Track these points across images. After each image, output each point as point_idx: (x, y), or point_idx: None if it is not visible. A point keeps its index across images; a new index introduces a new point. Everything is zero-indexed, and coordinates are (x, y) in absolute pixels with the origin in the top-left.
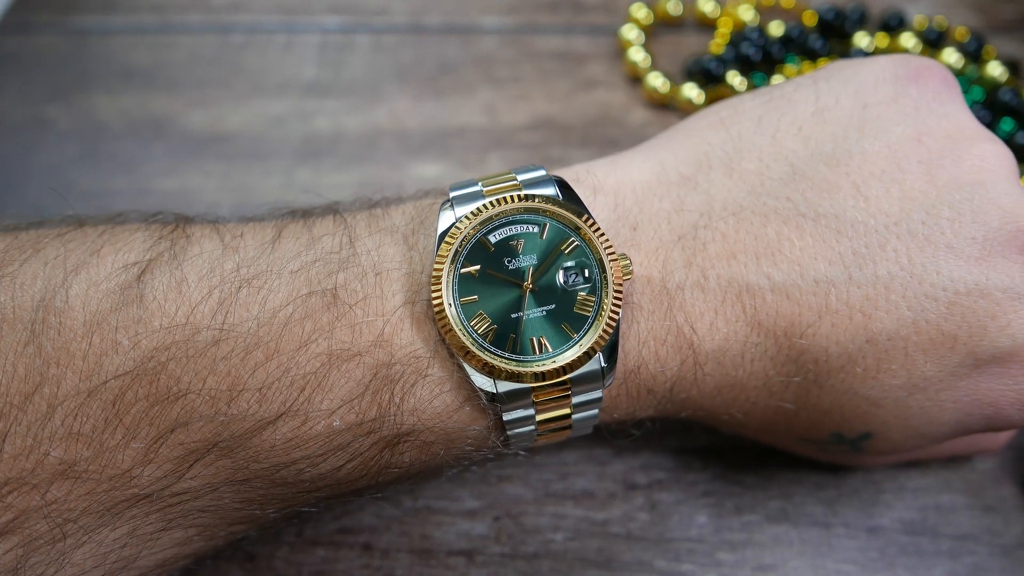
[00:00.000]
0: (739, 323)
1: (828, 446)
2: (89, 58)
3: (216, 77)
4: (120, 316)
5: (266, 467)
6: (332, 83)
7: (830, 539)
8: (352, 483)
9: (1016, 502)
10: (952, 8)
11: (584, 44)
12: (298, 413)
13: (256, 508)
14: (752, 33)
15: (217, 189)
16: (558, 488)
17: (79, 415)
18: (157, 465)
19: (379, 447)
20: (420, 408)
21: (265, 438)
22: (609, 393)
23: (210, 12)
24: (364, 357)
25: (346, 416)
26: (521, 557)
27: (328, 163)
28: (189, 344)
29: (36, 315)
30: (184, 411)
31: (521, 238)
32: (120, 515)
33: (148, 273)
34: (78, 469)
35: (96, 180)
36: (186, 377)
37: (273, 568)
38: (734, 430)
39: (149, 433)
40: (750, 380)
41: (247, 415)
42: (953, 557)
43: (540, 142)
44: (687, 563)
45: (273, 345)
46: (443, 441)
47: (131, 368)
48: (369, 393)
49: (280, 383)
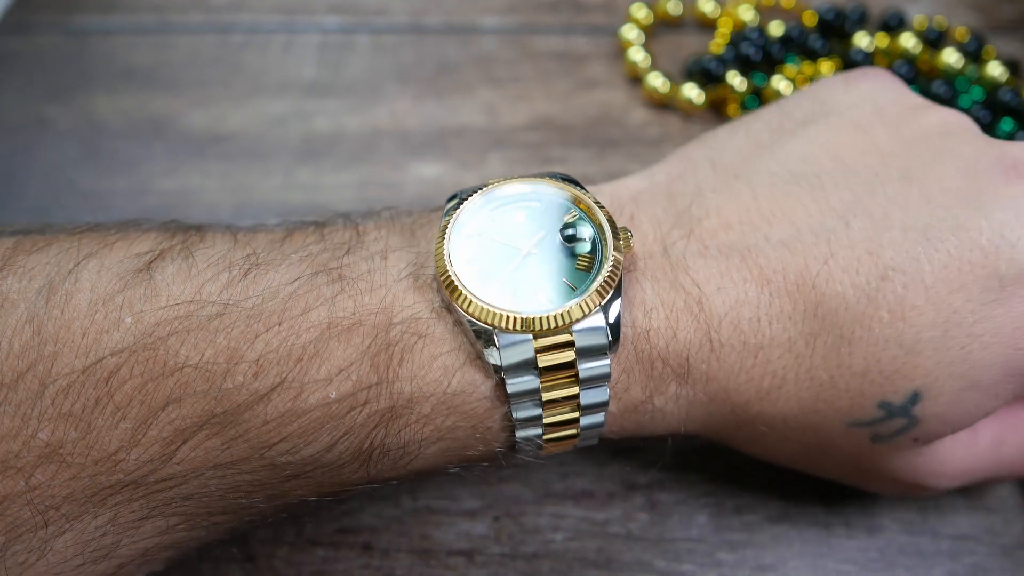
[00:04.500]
0: (747, 284)
1: (881, 428)
2: (89, 58)
3: (216, 77)
4: (126, 295)
5: (255, 446)
6: (332, 83)
7: (830, 539)
8: (343, 469)
9: (1016, 502)
10: (952, 8)
11: (584, 44)
12: (293, 384)
13: (242, 497)
14: (752, 33)
15: (217, 189)
16: (558, 488)
17: (70, 393)
18: (144, 448)
19: (374, 421)
20: (418, 374)
21: (258, 412)
22: (619, 366)
23: (210, 12)
24: (364, 325)
25: (342, 385)
26: (521, 557)
27: (328, 163)
28: (191, 318)
29: (39, 296)
30: (178, 385)
31: (523, 211)
32: (103, 502)
33: (159, 260)
34: (63, 452)
35: (96, 180)
36: (184, 350)
37: (273, 568)
38: (772, 450)
39: (140, 412)
40: (773, 346)
41: (241, 387)
42: (953, 557)
43: (540, 142)
44: (687, 563)
45: (275, 317)
46: (441, 415)
47: (130, 344)
48: (367, 359)
49: (277, 353)
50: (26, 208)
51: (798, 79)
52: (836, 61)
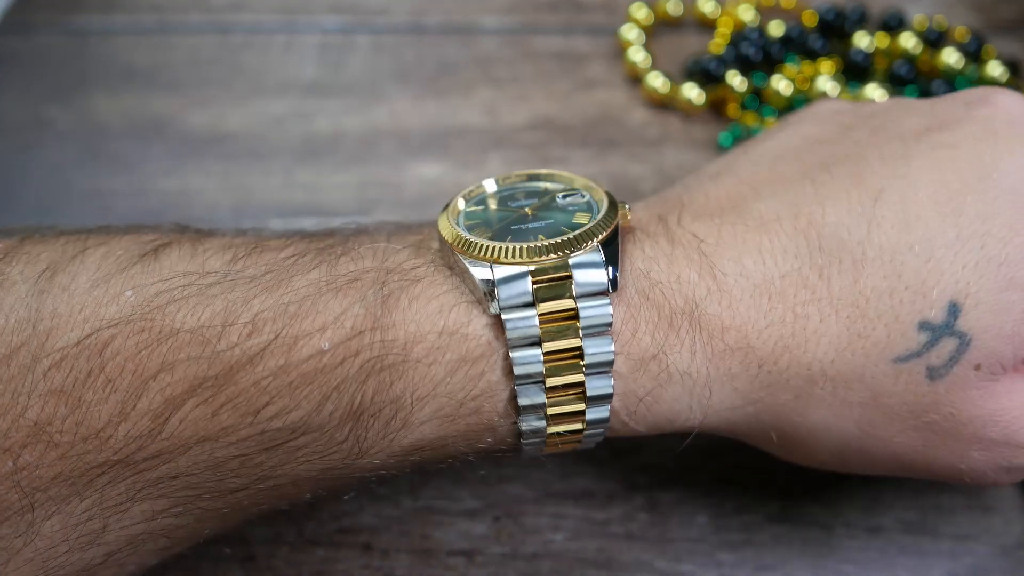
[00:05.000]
0: (746, 232)
1: (932, 357)
2: (89, 58)
3: (216, 77)
4: (130, 273)
5: (244, 412)
6: (332, 83)
7: (830, 539)
8: (332, 438)
9: (1016, 502)
10: (952, 8)
11: (584, 44)
12: (286, 339)
13: (231, 477)
14: (752, 33)
15: (217, 189)
16: (558, 488)
17: (62, 367)
18: (132, 423)
19: (365, 372)
20: (413, 318)
21: (249, 372)
22: (622, 308)
23: (210, 12)
24: (362, 280)
25: (335, 334)
26: (521, 557)
27: (328, 163)
28: (191, 287)
29: (42, 277)
30: (171, 350)
31: (525, 191)
32: (90, 483)
33: (166, 247)
34: (52, 430)
35: (96, 180)
36: (180, 315)
37: (273, 568)
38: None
39: (131, 383)
40: (785, 284)
41: (235, 347)
42: (953, 557)
43: (540, 142)
44: (687, 563)
45: (275, 280)
46: (435, 360)
47: (127, 314)
48: (362, 306)
49: (272, 311)
50: (26, 208)
51: (798, 79)
52: (836, 61)
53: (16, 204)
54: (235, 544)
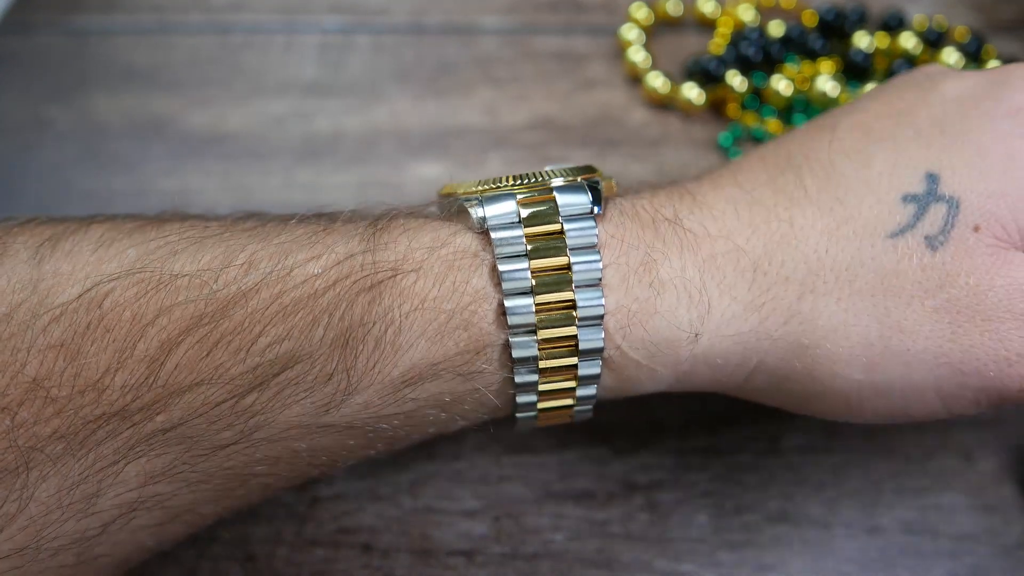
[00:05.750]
0: (723, 171)
1: (927, 226)
2: (89, 58)
3: (216, 77)
4: (134, 236)
5: (236, 348)
6: (332, 83)
7: (830, 539)
8: (323, 366)
9: (1016, 502)
10: (952, 8)
11: (584, 44)
12: (281, 271)
13: (222, 428)
14: (752, 33)
15: (217, 189)
16: (558, 488)
17: (62, 321)
18: (128, 372)
19: (355, 291)
20: (407, 243)
21: (244, 306)
22: (606, 227)
23: (210, 12)
24: (359, 222)
25: (327, 260)
26: (521, 557)
27: (328, 163)
28: (191, 238)
29: (46, 244)
30: (169, 294)
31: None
32: (85, 441)
33: (170, 217)
34: (49, 385)
35: (96, 180)
36: (179, 263)
37: (273, 568)
38: (839, 336)
39: (130, 330)
40: (764, 195)
41: (230, 284)
42: (953, 557)
43: (540, 142)
44: (687, 563)
45: (274, 230)
46: (427, 277)
47: (128, 267)
48: (356, 236)
49: (269, 250)
50: (26, 208)
51: (798, 79)
52: (836, 61)
53: (16, 204)
54: (235, 544)
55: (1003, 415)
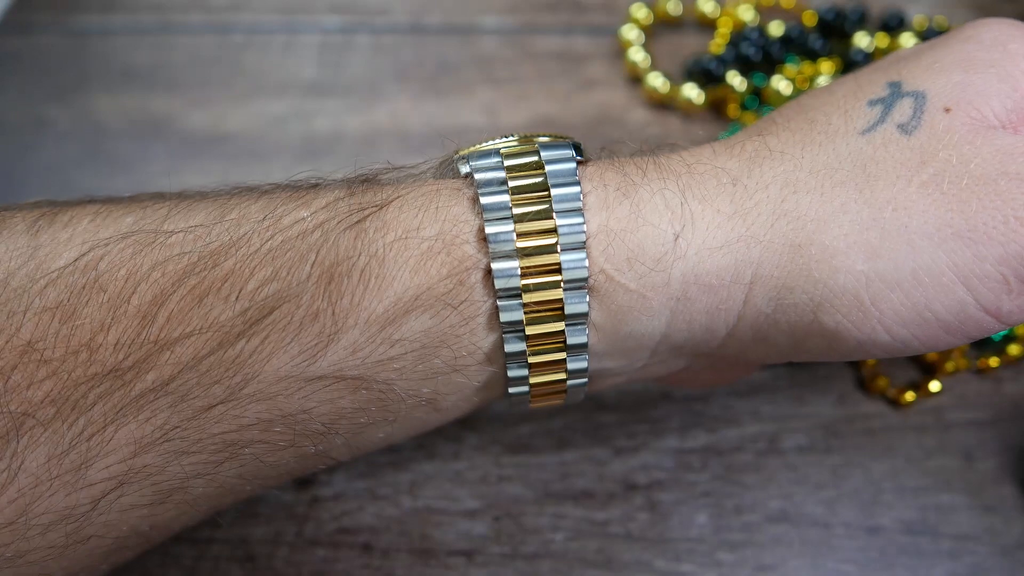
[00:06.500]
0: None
1: (896, 116)
2: (89, 58)
3: (216, 77)
4: (132, 204)
5: (227, 296)
6: (332, 83)
7: (830, 539)
8: (309, 305)
9: (1016, 502)
10: (952, 8)
11: (584, 44)
12: (272, 218)
13: (212, 381)
14: (752, 33)
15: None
16: (558, 488)
17: (58, 284)
18: (122, 327)
19: (342, 227)
20: (394, 190)
21: (234, 253)
22: (588, 172)
23: (210, 12)
24: (354, 183)
25: (316, 205)
26: (521, 557)
27: (328, 163)
28: (190, 201)
29: (44, 216)
30: (164, 249)
31: None
32: (77, 404)
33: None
34: (43, 346)
35: (96, 180)
36: (175, 221)
37: (273, 568)
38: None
39: (124, 287)
40: (741, 138)
41: (223, 234)
42: (953, 557)
43: None
44: (687, 563)
45: (268, 189)
46: (415, 212)
47: (126, 231)
48: (345, 186)
49: (262, 203)
50: None
51: (798, 79)
52: (836, 61)
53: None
54: (235, 544)
55: (1003, 415)
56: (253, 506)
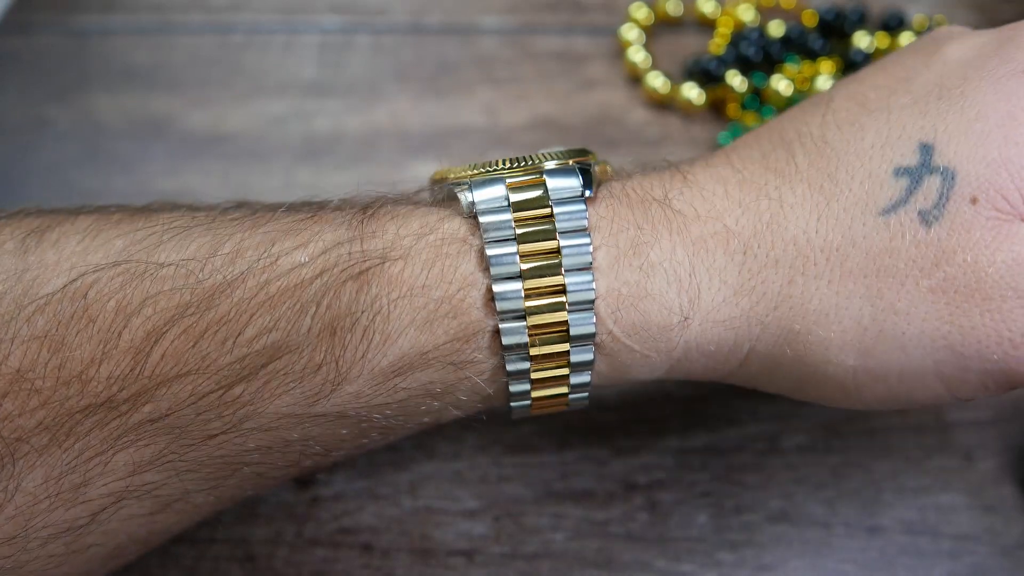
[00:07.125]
0: (715, 153)
1: (920, 201)
2: (89, 58)
3: (216, 77)
4: (121, 225)
5: (223, 339)
6: (332, 83)
7: (830, 539)
8: (311, 356)
9: (1016, 502)
10: (952, 8)
11: (584, 44)
12: (267, 259)
13: (211, 416)
14: (752, 33)
15: (217, 189)
16: (558, 488)
17: (46, 311)
18: (114, 363)
19: (343, 279)
20: (395, 230)
21: (230, 296)
22: (597, 209)
23: (210, 12)
24: (349, 210)
25: (314, 248)
26: (521, 557)
27: (328, 163)
28: (178, 227)
29: (32, 234)
30: (155, 283)
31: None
32: (72, 431)
33: (161, 207)
34: (33, 376)
35: (96, 180)
36: (165, 253)
37: (273, 568)
38: (831, 323)
39: (115, 321)
40: (754, 173)
41: (216, 273)
42: (953, 557)
43: (540, 142)
44: (687, 563)
45: (263, 219)
46: (408, 262)
47: (114, 258)
48: (344, 225)
49: (256, 238)
50: None
51: (798, 79)
52: (836, 61)
53: (16, 204)
54: (235, 544)
55: (1003, 415)
56: (253, 506)
